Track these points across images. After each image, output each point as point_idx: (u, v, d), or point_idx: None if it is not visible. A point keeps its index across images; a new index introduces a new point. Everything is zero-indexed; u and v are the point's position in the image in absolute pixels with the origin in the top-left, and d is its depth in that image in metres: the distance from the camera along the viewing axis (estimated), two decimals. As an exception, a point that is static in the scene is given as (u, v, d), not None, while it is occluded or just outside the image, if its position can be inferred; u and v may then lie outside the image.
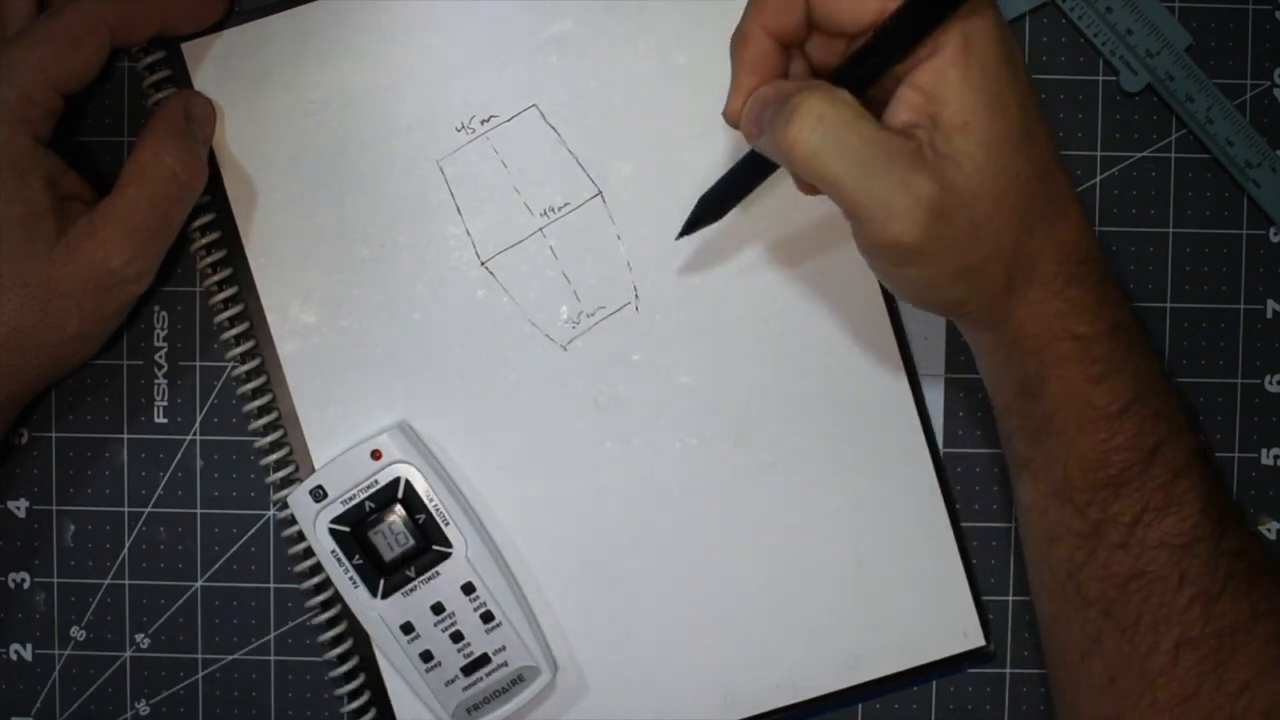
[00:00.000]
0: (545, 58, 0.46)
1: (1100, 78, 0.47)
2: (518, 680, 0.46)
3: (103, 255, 0.42)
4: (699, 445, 0.47)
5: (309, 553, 0.46)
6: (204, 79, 0.46)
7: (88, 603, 0.48)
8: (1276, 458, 0.48)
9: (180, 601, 0.48)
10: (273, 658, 0.48)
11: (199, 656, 0.48)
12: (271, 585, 0.48)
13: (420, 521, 0.45)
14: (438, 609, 0.45)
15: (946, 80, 0.36)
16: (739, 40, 0.39)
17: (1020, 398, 0.40)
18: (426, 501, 0.45)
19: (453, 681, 0.45)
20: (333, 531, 0.45)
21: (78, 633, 0.48)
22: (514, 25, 0.46)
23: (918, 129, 0.36)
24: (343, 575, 0.45)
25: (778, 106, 0.37)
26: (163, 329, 0.48)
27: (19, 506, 0.48)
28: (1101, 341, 0.38)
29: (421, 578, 0.45)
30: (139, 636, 0.48)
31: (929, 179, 0.35)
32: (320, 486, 0.45)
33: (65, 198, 0.43)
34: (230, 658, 0.48)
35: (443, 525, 0.45)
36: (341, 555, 0.45)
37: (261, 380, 0.46)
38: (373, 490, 0.45)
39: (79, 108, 0.47)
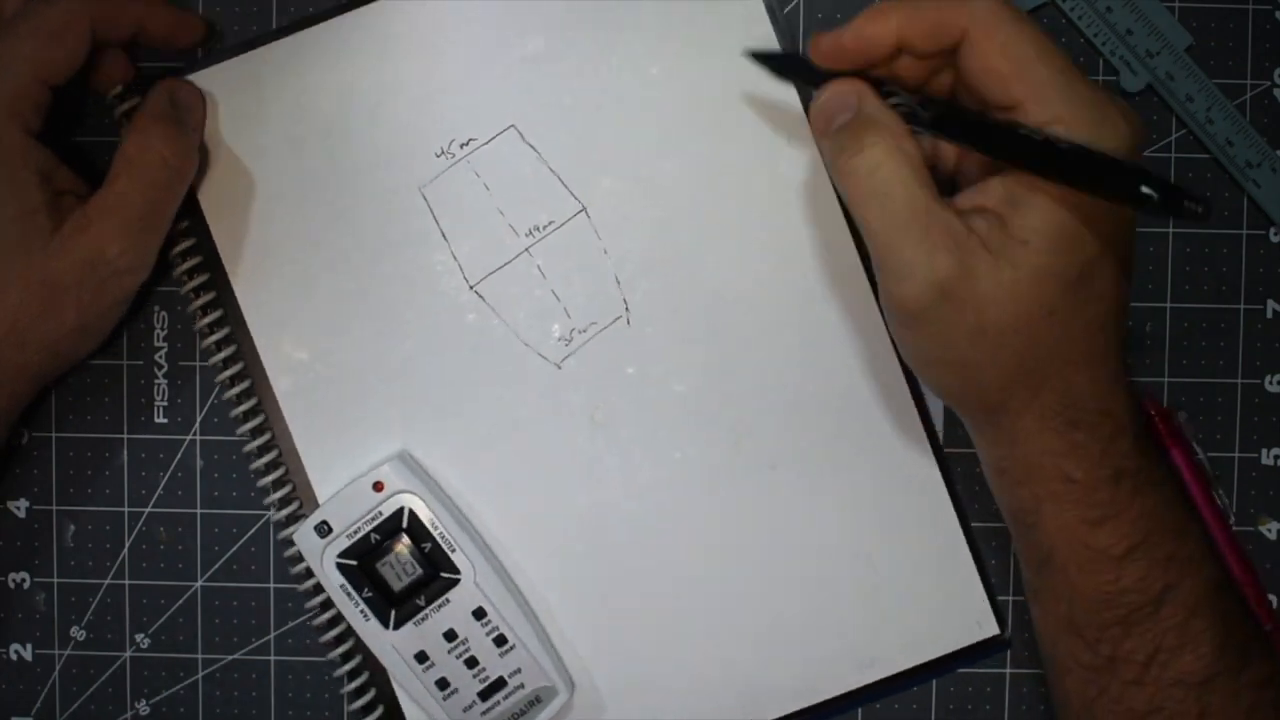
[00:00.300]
0: (520, 77, 0.46)
1: (1100, 78, 0.47)
2: (535, 702, 0.45)
3: (98, 247, 0.42)
4: (699, 454, 0.47)
5: (291, 520, 0.46)
6: None
7: (88, 603, 0.48)
8: (1276, 458, 0.48)
9: (180, 601, 0.48)
10: (273, 658, 0.48)
11: (199, 656, 0.48)
12: (271, 585, 0.48)
13: (426, 550, 0.45)
14: (450, 636, 0.45)
15: (1036, 199, 0.36)
16: (875, 13, 0.38)
17: (1017, 526, 0.40)
18: (431, 529, 0.45)
19: (470, 707, 0.45)
20: (340, 566, 0.45)
21: (78, 633, 0.48)
22: (487, 47, 0.46)
23: (985, 217, 0.36)
24: (353, 609, 0.45)
25: (850, 123, 0.37)
26: (163, 329, 0.48)
27: (19, 506, 0.48)
28: (1101, 488, 0.37)
29: (432, 606, 0.45)
30: (139, 636, 0.48)
31: (953, 261, 0.35)
32: (325, 522, 0.45)
33: (59, 192, 0.43)
34: (230, 658, 0.48)
35: (449, 552, 0.45)
36: (351, 589, 0.45)
37: (260, 420, 0.46)
38: (377, 522, 0.45)
39: (71, 106, 0.47)
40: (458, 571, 0.45)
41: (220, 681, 0.48)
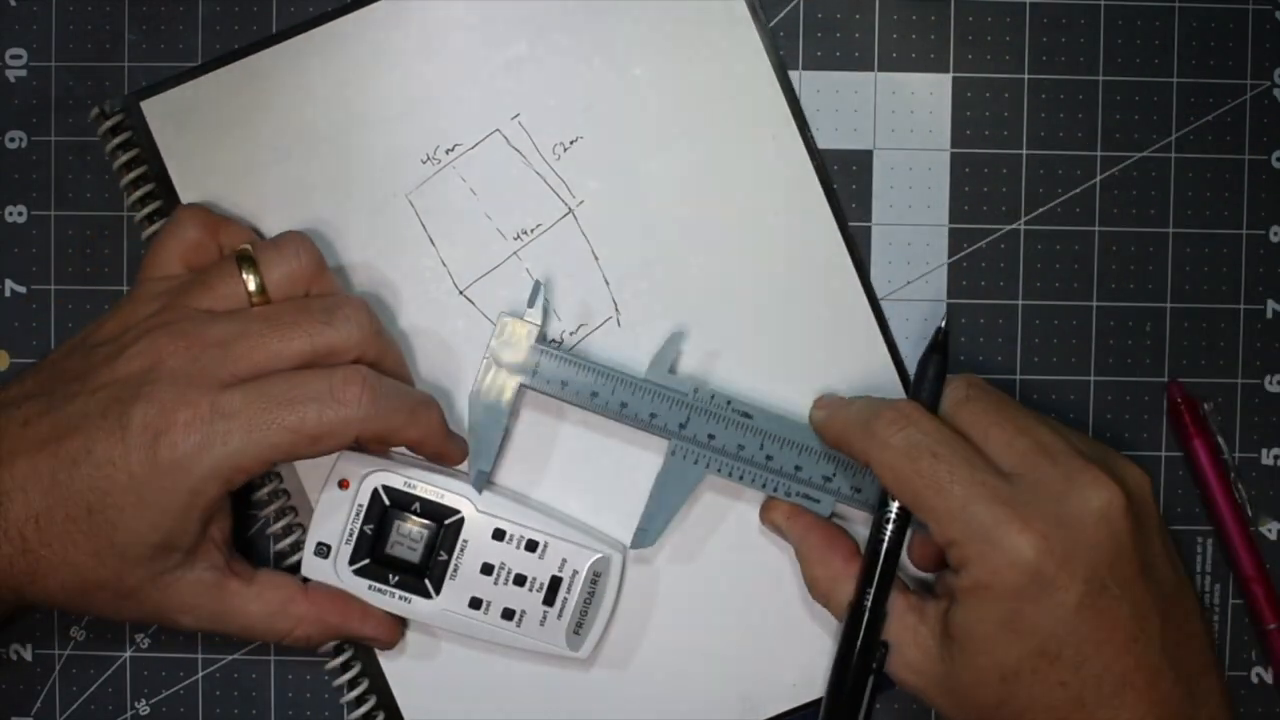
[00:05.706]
0: (503, 82, 0.46)
1: (1100, 77, 0.47)
2: (598, 577, 0.45)
3: (176, 609, 0.42)
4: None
5: (294, 548, 0.46)
6: (165, 134, 0.46)
7: (88, 603, 0.48)
8: (1276, 458, 0.48)
9: (180, 601, 0.48)
10: (273, 658, 0.48)
11: (199, 656, 0.48)
12: (271, 585, 0.48)
13: (418, 510, 0.45)
14: (487, 569, 0.44)
15: (963, 597, 0.39)
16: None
17: None
18: (410, 490, 0.45)
19: (545, 619, 0.45)
20: (358, 572, 0.44)
21: (78, 633, 0.48)
22: (469, 52, 0.46)
23: (939, 604, 0.41)
24: (393, 602, 0.44)
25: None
26: (163, 329, 0.48)
27: (19, 506, 0.48)
28: None
29: (455, 554, 0.44)
30: (139, 636, 0.48)
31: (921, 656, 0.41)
32: (320, 543, 0.44)
33: (212, 540, 0.42)
34: (230, 658, 0.48)
35: (439, 500, 0.45)
36: (380, 586, 0.44)
37: None
38: (362, 514, 0.44)
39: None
40: (457, 511, 0.45)
41: (220, 681, 0.48)
